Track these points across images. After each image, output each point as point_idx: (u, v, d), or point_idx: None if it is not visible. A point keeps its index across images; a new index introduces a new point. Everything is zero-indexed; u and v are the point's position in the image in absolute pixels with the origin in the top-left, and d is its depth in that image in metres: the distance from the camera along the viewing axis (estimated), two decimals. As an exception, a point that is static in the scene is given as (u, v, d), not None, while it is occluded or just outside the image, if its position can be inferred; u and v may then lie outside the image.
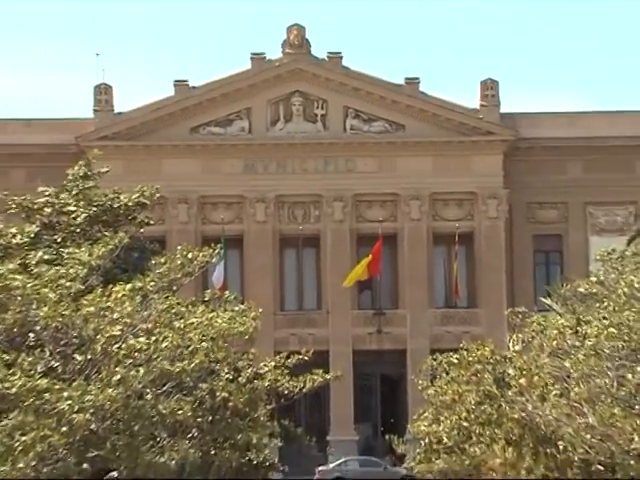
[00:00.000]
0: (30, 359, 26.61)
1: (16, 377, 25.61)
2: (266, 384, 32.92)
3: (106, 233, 35.78)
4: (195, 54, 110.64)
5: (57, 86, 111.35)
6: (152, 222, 42.30)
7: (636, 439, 25.75)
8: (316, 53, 68.61)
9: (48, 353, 27.76)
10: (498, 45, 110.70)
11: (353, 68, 68.62)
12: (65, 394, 25.97)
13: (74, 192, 38.41)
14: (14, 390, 25.42)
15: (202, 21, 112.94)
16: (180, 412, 27.82)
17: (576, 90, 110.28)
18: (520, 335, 31.72)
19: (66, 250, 33.21)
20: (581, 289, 31.32)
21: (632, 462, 26.66)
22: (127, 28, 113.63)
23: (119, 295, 29.25)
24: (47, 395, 25.70)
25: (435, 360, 39.87)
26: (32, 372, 26.08)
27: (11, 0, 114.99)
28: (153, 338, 28.32)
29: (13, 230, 36.49)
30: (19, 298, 28.01)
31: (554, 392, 27.43)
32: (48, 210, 37.68)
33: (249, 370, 32.98)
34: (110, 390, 26.42)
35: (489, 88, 68.74)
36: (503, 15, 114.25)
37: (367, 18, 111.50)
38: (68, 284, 29.24)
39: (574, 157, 68.04)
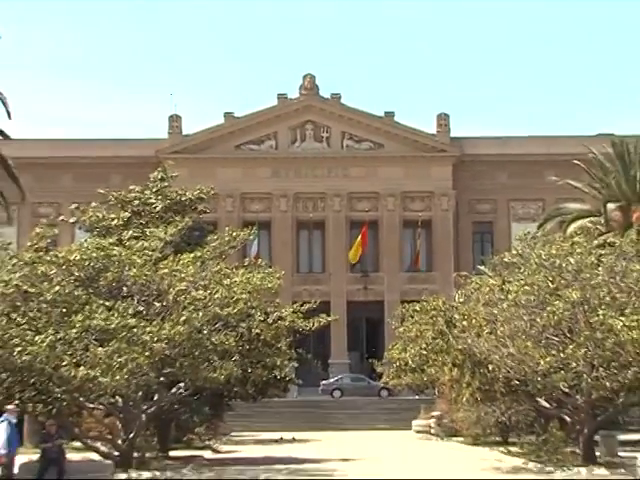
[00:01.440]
0: (124, 305, 26.68)
1: (114, 317, 25.69)
2: (286, 324, 32.87)
3: (176, 218, 35.75)
4: (238, 93, 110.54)
5: (142, 113, 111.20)
6: (208, 211, 42.23)
7: (542, 363, 25.81)
8: (323, 94, 68.32)
9: (136, 301, 27.81)
10: (451, 86, 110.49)
11: (348, 104, 68.38)
12: (148, 329, 26.06)
13: (154, 190, 38.38)
14: (112, 326, 25.50)
15: (245, 70, 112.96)
16: (227, 342, 27.90)
17: (506, 118, 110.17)
18: (463, 291, 31.76)
19: (148, 230, 33.24)
20: (505, 259, 31.32)
21: (539, 379, 26.75)
22: (192, 74, 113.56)
23: (185, 261, 29.33)
24: (135, 330, 25.79)
25: (404, 308, 39.88)
26: (125, 314, 26.16)
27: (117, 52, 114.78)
28: (208, 291, 28.38)
29: (112, 216, 36.55)
30: (116, 263, 28.08)
31: (486, 331, 27.48)
32: (136, 202, 37.62)
33: (275, 314, 32.88)
34: (178, 327, 26.50)
35: (443, 119, 68.49)
36: (455, 64, 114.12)
37: (357, 69, 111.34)
38: (150, 253, 29.28)
39: (501, 168, 67.80)
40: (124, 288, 28.15)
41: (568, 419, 29.70)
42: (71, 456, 23.24)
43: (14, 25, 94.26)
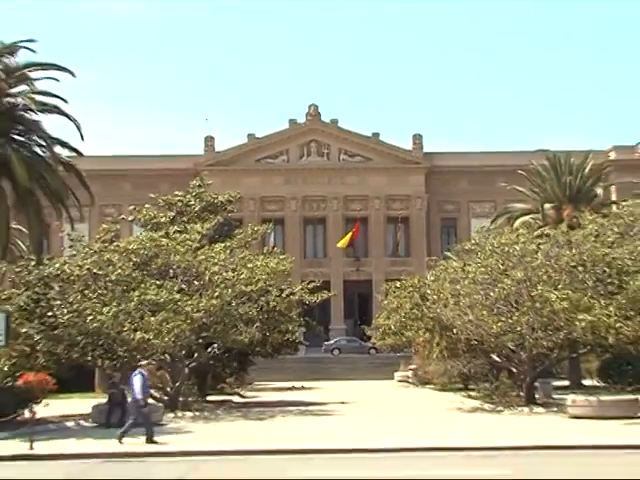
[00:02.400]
0: (170, 283, 26.88)
1: (163, 293, 25.87)
2: (296, 298, 32.94)
3: (210, 217, 35.87)
4: (259, 116, 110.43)
5: (182, 133, 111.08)
6: (235, 211, 42.23)
7: (494, 327, 25.95)
8: (324, 119, 68.10)
9: (179, 280, 27.99)
10: (424, 111, 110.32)
11: (344, 127, 68.24)
12: (189, 302, 26.24)
13: (194, 194, 38.43)
14: (162, 300, 25.68)
15: (263, 99, 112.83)
16: (250, 312, 28.05)
17: (467, 136, 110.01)
18: (433, 272, 31.76)
19: (189, 225, 33.39)
20: (466, 247, 31.42)
21: (492, 339, 26.89)
22: (222, 102, 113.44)
23: (217, 249, 29.51)
24: (179, 303, 25.98)
25: (388, 285, 39.80)
26: (171, 290, 26.33)
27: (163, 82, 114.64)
28: (236, 273, 28.54)
29: (161, 215, 36.66)
30: (164, 251, 28.25)
31: (451, 302, 27.58)
32: (179, 204, 37.68)
33: (287, 290, 32.99)
34: (213, 300, 26.68)
35: (417, 138, 68.37)
36: (426, 96, 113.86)
37: (351, 98, 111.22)
38: (190, 243, 29.44)
39: (463, 176, 67.83)
40: (170, 270, 28.33)
41: (514, 370, 29.88)
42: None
43: (77, 64, 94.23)
